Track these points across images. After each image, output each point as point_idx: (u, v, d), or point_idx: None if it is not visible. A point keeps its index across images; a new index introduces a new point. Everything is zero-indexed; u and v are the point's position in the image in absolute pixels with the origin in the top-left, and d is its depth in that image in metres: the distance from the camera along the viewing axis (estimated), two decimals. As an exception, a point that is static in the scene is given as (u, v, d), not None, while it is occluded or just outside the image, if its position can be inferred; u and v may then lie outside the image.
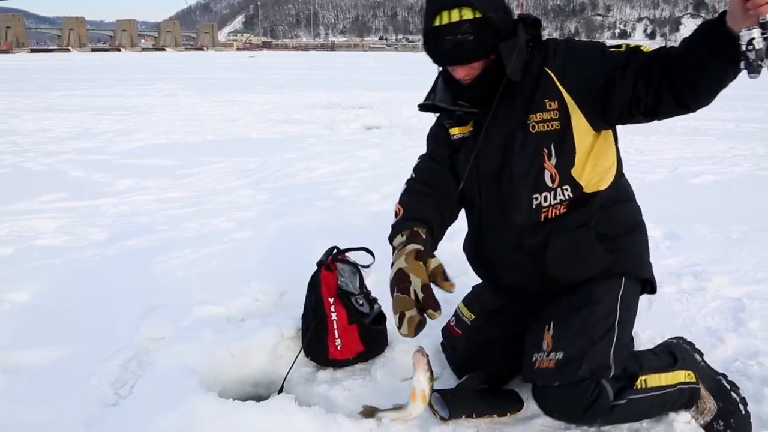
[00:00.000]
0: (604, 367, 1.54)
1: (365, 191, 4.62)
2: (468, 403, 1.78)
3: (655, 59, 1.44)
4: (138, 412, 1.72)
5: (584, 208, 1.66)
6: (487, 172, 1.70)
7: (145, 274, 2.88)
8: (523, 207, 1.65)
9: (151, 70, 21.97)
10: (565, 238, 1.65)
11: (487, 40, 1.52)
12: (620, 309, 1.64)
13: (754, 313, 2.54)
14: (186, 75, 19.62)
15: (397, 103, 11.12)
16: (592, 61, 1.56)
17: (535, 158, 1.62)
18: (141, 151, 6.17)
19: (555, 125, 1.60)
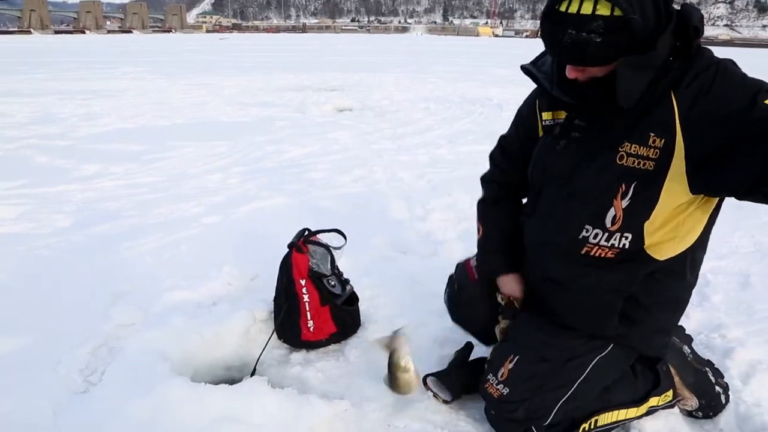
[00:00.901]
0: (540, 416, 1.55)
1: (336, 173, 4.60)
2: (465, 381, 1.79)
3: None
4: (108, 399, 1.70)
5: (631, 268, 1.45)
6: (554, 174, 1.50)
7: (114, 260, 2.83)
8: (569, 231, 1.47)
9: (117, 53, 21.45)
10: (591, 296, 1.50)
11: (616, 46, 1.21)
12: (592, 369, 1.55)
13: (717, 287, 2.61)
14: (154, 58, 19.20)
15: (368, 85, 11.07)
16: (735, 107, 1.21)
17: (606, 191, 1.38)
18: (107, 135, 6.03)
19: (648, 165, 1.32)
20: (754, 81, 1.25)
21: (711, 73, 1.25)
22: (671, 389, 1.69)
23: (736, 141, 1.19)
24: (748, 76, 1.27)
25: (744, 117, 1.19)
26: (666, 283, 1.49)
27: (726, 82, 1.24)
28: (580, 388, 1.54)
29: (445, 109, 8.33)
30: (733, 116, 1.20)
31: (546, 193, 1.54)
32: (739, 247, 3.12)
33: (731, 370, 1.93)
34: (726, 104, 1.22)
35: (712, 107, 1.23)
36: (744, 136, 1.18)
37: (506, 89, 10.79)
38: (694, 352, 1.82)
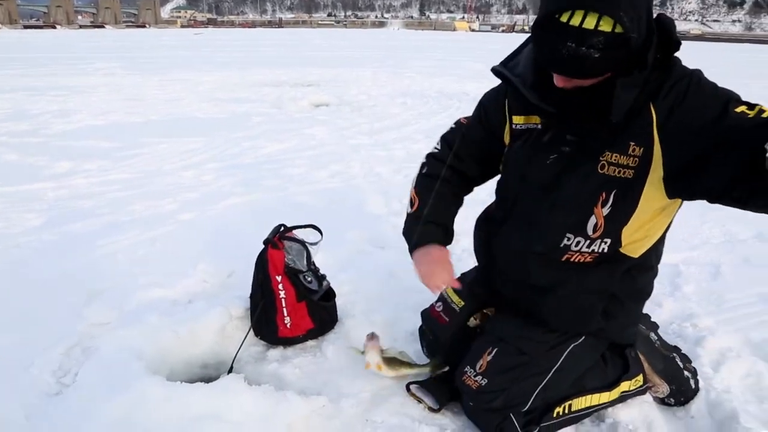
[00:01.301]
0: (518, 403, 1.57)
1: (313, 169, 4.58)
2: (450, 387, 1.76)
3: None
4: (82, 400, 1.68)
5: (609, 269, 1.51)
6: (533, 183, 1.50)
7: (87, 259, 2.79)
8: (550, 241, 1.50)
9: (90, 49, 21.06)
10: (576, 295, 1.54)
11: (612, 62, 1.21)
12: (567, 357, 1.60)
13: (689, 278, 2.66)
14: (127, 53, 18.90)
15: (345, 81, 11.03)
16: (708, 117, 1.25)
17: (588, 199, 1.41)
18: (80, 132, 5.92)
19: (628, 173, 1.36)
20: (724, 91, 1.30)
21: (685, 84, 1.30)
22: (641, 374, 1.73)
23: (710, 149, 1.23)
24: (718, 86, 1.32)
25: (717, 126, 1.24)
26: (638, 277, 1.56)
27: (699, 93, 1.29)
28: (556, 376, 1.58)
29: (422, 104, 8.34)
30: (707, 126, 1.25)
31: (523, 200, 1.55)
32: (710, 237, 3.18)
33: (702, 358, 1.97)
34: (700, 114, 1.27)
35: (687, 117, 1.28)
36: (717, 145, 1.23)
37: (483, 84, 10.82)
38: (660, 338, 1.86)
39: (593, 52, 1.18)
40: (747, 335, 2.15)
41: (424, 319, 1.90)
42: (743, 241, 3.14)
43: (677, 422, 1.74)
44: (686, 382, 1.77)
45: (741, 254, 2.94)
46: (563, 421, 1.63)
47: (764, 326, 2.22)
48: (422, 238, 1.66)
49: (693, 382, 1.79)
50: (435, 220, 1.67)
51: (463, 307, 1.81)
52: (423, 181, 1.73)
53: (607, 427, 1.69)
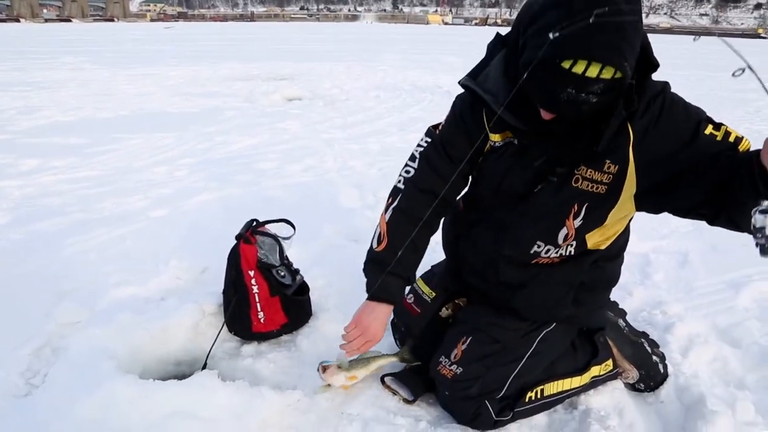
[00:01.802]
0: (493, 389, 1.60)
1: (286, 163, 4.55)
2: (425, 379, 1.77)
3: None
4: (52, 401, 1.65)
5: (576, 264, 1.56)
6: (507, 193, 1.51)
7: (56, 258, 2.73)
8: (520, 248, 1.54)
9: (56, 43, 20.54)
10: (545, 288, 1.59)
11: (607, 102, 1.22)
12: (539, 343, 1.64)
13: (658, 266, 2.72)
14: (95, 48, 18.49)
15: (318, 74, 10.97)
16: (681, 139, 1.31)
17: (560, 211, 1.45)
18: (47, 129, 5.79)
19: (601, 189, 1.40)
20: (694, 110, 1.35)
21: (659, 104, 1.32)
22: (611, 359, 1.77)
23: (682, 171, 1.30)
24: (687, 103, 1.37)
25: (689, 149, 1.30)
26: (606, 266, 1.61)
27: (672, 114, 1.32)
28: (529, 362, 1.62)
29: (395, 97, 8.34)
30: (680, 148, 1.30)
31: (495, 209, 1.57)
32: (678, 226, 3.24)
33: (671, 344, 2.02)
34: (674, 136, 1.31)
35: (662, 139, 1.32)
36: (689, 167, 1.29)
37: (456, 76, 10.71)
38: (628, 325, 1.90)
39: (591, 98, 1.18)
40: (714, 321, 2.20)
41: (395, 311, 1.90)
42: (710, 230, 3.16)
43: (648, 407, 1.77)
44: (655, 366, 1.81)
45: (708, 242, 3.01)
46: (536, 406, 1.65)
47: (731, 312, 2.28)
48: (381, 292, 1.62)
49: (661, 367, 1.82)
50: (400, 273, 1.61)
51: (435, 297, 1.83)
52: (399, 219, 1.62)
53: (579, 414, 1.72)
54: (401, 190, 1.64)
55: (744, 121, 7.13)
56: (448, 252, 1.84)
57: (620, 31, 1.12)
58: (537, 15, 1.20)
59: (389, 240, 1.60)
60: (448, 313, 1.82)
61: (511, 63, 1.33)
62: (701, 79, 12.08)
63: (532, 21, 1.21)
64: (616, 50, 1.13)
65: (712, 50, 21.20)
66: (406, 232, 1.58)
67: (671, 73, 12.82)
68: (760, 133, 6.38)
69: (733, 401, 1.68)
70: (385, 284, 1.61)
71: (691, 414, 1.68)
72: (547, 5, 1.18)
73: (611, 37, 1.12)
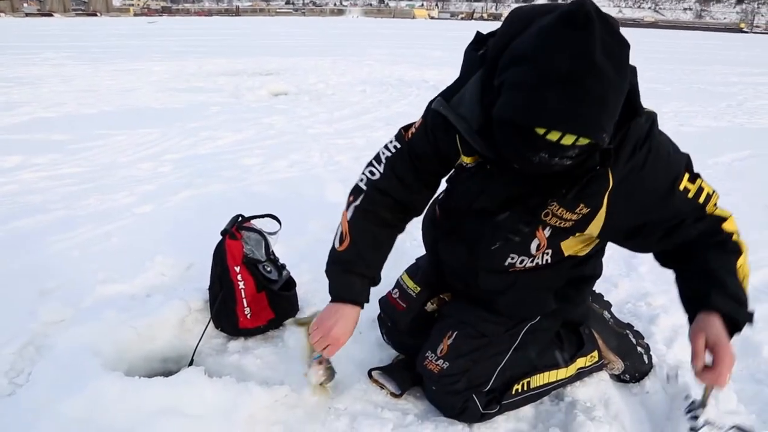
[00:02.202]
0: (480, 383, 1.61)
1: (272, 159, 4.54)
2: (412, 374, 1.77)
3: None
4: (37, 400, 1.63)
5: (556, 269, 1.56)
6: (477, 208, 1.50)
7: (39, 255, 2.70)
8: (494, 260, 1.53)
9: (37, 38, 20.27)
10: (526, 292, 1.58)
11: (583, 163, 1.19)
12: (524, 336, 1.65)
13: (644, 259, 2.74)
14: (77, 43, 18.26)
15: (304, 69, 10.93)
16: (657, 194, 1.32)
17: (528, 227, 1.44)
18: (28, 125, 5.71)
19: (568, 225, 1.40)
20: (678, 160, 1.35)
21: (644, 154, 1.28)
22: (596, 350, 1.78)
23: (648, 221, 1.35)
24: (673, 152, 1.35)
25: (662, 202, 1.32)
26: (586, 267, 1.62)
27: (655, 165, 1.29)
28: (515, 355, 1.63)
29: (381, 91, 8.33)
30: (654, 202, 1.32)
31: (468, 223, 1.55)
32: (663, 219, 3.27)
33: (656, 336, 2.04)
34: (651, 188, 1.31)
35: (640, 189, 1.31)
36: (656, 220, 1.34)
37: (442, 71, 10.88)
38: (614, 316, 1.91)
39: (566, 161, 1.14)
40: (698, 312, 2.22)
41: (382, 306, 1.90)
42: (694, 222, 3.24)
43: (633, 398, 1.79)
44: (639, 357, 1.83)
45: (692, 234, 3.03)
46: (523, 398, 1.66)
47: (714, 303, 2.30)
48: (345, 292, 1.57)
49: (646, 358, 1.84)
50: (365, 272, 1.56)
51: (420, 292, 1.82)
52: (360, 217, 1.58)
53: (565, 406, 1.73)
54: (363, 191, 1.59)
55: (726, 114, 7.20)
56: (429, 252, 1.83)
57: (602, 102, 1.06)
58: (518, 60, 1.12)
59: (352, 239, 1.55)
60: (433, 308, 1.82)
61: (487, 88, 1.26)
62: (686, 73, 12.18)
63: (512, 62, 1.13)
64: (595, 124, 1.07)
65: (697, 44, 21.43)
66: (369, 231, 1.55)
67: (657, 67, 12.94)
68: (742, 126, 6.46)
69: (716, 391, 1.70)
70: (349, 283, 1.56)
71: (675, 404, 1.69)
72: (530, 55, 1.09)
73: (591, 110, 1.05)
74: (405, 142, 1.56)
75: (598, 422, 1.61)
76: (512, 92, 1.11)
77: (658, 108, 7.26)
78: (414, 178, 1.55)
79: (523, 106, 1.09)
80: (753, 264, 2.57)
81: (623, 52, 1.08)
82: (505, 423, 1.66)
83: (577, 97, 1.04)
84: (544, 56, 1.06)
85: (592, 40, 1.02)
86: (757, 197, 3.71)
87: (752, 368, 1.91)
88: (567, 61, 1.03)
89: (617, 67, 1.06)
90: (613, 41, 1.06)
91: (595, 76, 1.03)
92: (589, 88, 1.03)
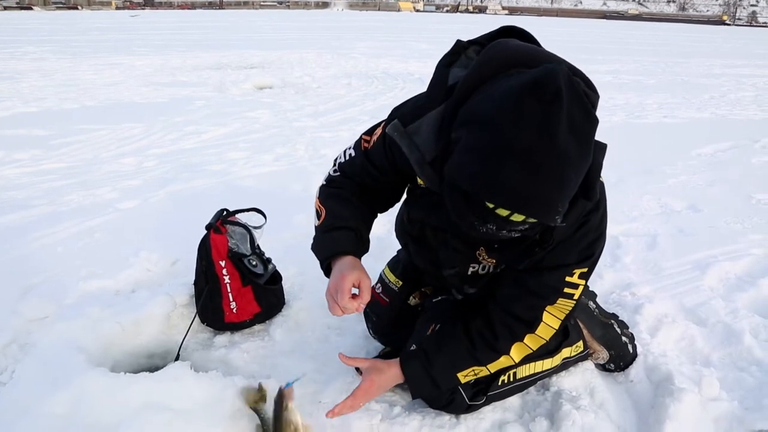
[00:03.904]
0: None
1: (257, 152, 4.52)
2: None
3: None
4: (21, 398, 1.61)
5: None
6: (434, 225, 1.50)
7: (21, 252, 2.67)
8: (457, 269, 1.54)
9: (16, 32, 19.93)
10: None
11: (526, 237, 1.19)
12: None
13: (628, 249, 2.76)
14: (58, 36, 17.99)
15: (289, 62, 10.87)
16: (556, 263, 1.38)
17: (467, 254, 1.49)
18: (9, 121, 5.62)
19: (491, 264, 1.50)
20: (592, 248, 1.40)
21: (572, 231, 1.33)
22: (581, 340, 1.79)
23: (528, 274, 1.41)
24: (598, 237, 1.40)
25: (548, 269, 1.39)
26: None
27: (579, 240, 1.35)
28: None
29: (367, 84, 8.31)
30: (548, 265, 1.38)
31: (427, 236, 1.56)
32: (647, 210, 3.30)
33: (640, 325, 2.05)
34: (557, 258, 1.37)
35: (549, 255, 1.36)
36: (529, 279, 1.41)
37: (427, 64, 10.86)
38: (599, 306, 1.93)
39: (513, 234, 1.12)
40: (681, 301, 2.25)
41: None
42: (678, 212, 3.28)
43: (618, 387, 1.81)
44: (624, 347, 1.84)
45: (676, 225, 3.07)
46: (509, 389, 1.67)
47: (697, 292, 2.34)
48: (327, 249, 1.50)
49: (631, 347, 1.86)
50: (346, 224, 1.49)
51: (402, 286, 1.84)
52: (328, 190, 1.57)
53: (551, 395, 1.74)
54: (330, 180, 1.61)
55: (709, 105, 7.27)
56: (403, 249, 1.82)
57: (560, 184, 1.01)
58: (476, 120, 1.05)
59: (327, 209, 1.52)
60: (416, 302, 1.83)
61: (445, 125, 1.19)
62: (669, 65, 12.27)
63: (471, 121, 1.07)
64: (548, 206, 1.02)
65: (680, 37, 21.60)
66: (343, 198, 1.53)
67: (642, 59, 13.02)
68: (725, 117, 6.52)
69: (699, 378, 1.72)
70: (332, 239, 1.49)
71: (659, 391, 1.71)
72: (488, 120, 1.02)
73: (546, 192, 1.00)
74: (360, 151, 1.54)
75: (584, 411, 1.63)
76: (467, 156, 1.05)
77: (642, 100, 7.33)
78: (373, 180, 1.53)
79: (475, 175, 1.03)
80: (734, 253, 2.66)
81: (591, 129, 1.03)
82: (491, 413, 1.67)
83: (533, 176, 0.98)
84: (504, 126, 0.98)
85: (558, 117, 0.95)
86: (739, 188, 3.75)
87: (734, 356, 1.93)
88: (527, 136, 0.96)
89: (581, 146, 1.00)
90: (581, 117, 0.99)
91: (557, 156, 0.97)
92: (548, 169, 0.98)
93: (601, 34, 20.88)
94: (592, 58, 13.14)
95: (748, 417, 1.61)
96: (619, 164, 4.16)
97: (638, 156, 4.54)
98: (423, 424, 1.61)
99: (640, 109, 6.77)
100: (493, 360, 1.51)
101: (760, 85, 9.37)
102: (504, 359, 1.51)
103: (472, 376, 1.53)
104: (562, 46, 11.98)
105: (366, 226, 1.54)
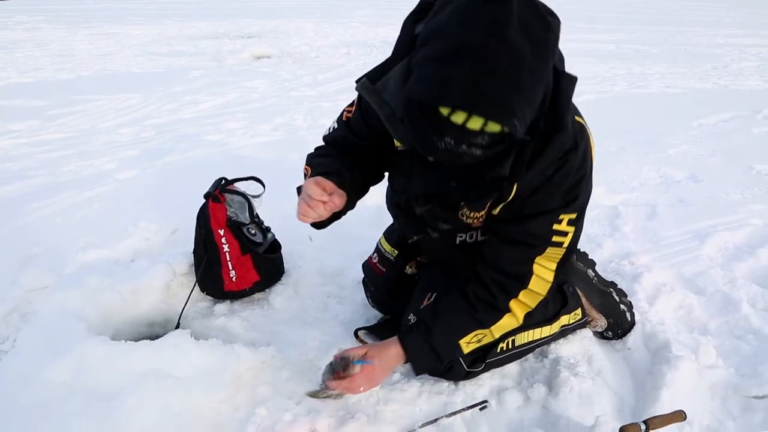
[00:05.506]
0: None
1: (255, 122, 4.49)
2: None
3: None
4: (23, 366, 1.63)
5: None
6: (416, 194, 1.45)
7: (19, 223, 2.67)
8: (444, 239, 1.52)
9: (7, 1, 19.70)
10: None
11: (493, 156, 1.08)
12: None
13: (627, 218, 2.75)
14: (51, 5, 17.70)
15: (286, 31, 10.73)
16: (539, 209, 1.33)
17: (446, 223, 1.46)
18: (4, 91, 5.58)
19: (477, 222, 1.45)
20: (580, 192, 1.34)
21: (550, 172, 1.27)
22: (580, 308, 1.79)
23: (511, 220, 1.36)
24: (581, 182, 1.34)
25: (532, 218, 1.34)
26: None
27: (554, 185, 1.30)
28: None
29: (366, 53, 8.21)
30: (531, 213, 1.33)
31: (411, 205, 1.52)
32: (647, 180, 3.29)
33: (638, 293, 2.06)
34: (539, 203, 1.32)
35: (537, 199, 1.32)
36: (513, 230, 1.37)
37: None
38: (597, 275, 1.93)
39: (474, 150, 1.03)
40: (680, 270, 2.25)
41: (365, 271, 1.93)
42: (678, 182, 3.26)
43: (616, 354, 1.82)
44: (622, 315, 1.85)
45: (676, 195, 3.06)
46: (508, 356, 1.67)
47: (695, 261, 2.34)
48: (315, 170, 1.48)
49: (629, 315, 1.87)
50: (331, 170, 1.46)
51: (398, 255, 1.84)
52: (315, 155, 1.60)
53: (549, 363, 1.75)
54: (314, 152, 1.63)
55: (712, 75, 7.20)
56: (394, 221, 1.82)
57: (514, 83, 0.96)
58: (431, 35, 1.02)
59: (313, 166, 1.53)
60: (412, 271, 1.83)
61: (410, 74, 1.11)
62: (672, 35, 12.11)
63: (426, 38, 1.03)
64: (504, 105, 0.96)
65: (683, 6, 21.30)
66: (330, 156, 1.54)
67: (644, 29, 12.86)
68: (727, 87, 6.46)
69: (696, 346, 1.73)
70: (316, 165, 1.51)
71: (657, 359, 1.73)
72: (442, 29, 1.00)
73: (501, 89, 0.95)
74: (342, 123, 1.56)
75: (582, 378, 1.64)
76: (420, 69, 1.02)
77: (644, 70, 7.25)
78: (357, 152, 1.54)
79: (427, 80, 0.99)
80: (734, 223, 2.66)
81: (546, 36, 0.99)
82: (490, 380, 1.68)
83: (485, 75, 0.94)
84: (455, 30, 0.96)
85: (507, 18, 0.93)
86: (740, 158, 3.73)
87: (731, 324, 1.94)
88: (476, 35, 0.94)
89: (535, 48, 0.96)
90: (536, 23, 0.97)
91: (509, 55, 0.94)
92: (500, 68, 0.94)
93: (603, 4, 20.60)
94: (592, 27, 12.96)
95: (744, 384, 1.62)
96: (620, 134, 4.13)
97: (639, 126, 4.50)
98: (422, 390, 1.63)
99: (642, 79, 6.70)
100: (497, 320, 1.47)
101: (763, 55, 9.24)
102: (507, 319, 1.47)
103: (475, 343, 1.51)
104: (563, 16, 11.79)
105: (352, 177, 1.50)
